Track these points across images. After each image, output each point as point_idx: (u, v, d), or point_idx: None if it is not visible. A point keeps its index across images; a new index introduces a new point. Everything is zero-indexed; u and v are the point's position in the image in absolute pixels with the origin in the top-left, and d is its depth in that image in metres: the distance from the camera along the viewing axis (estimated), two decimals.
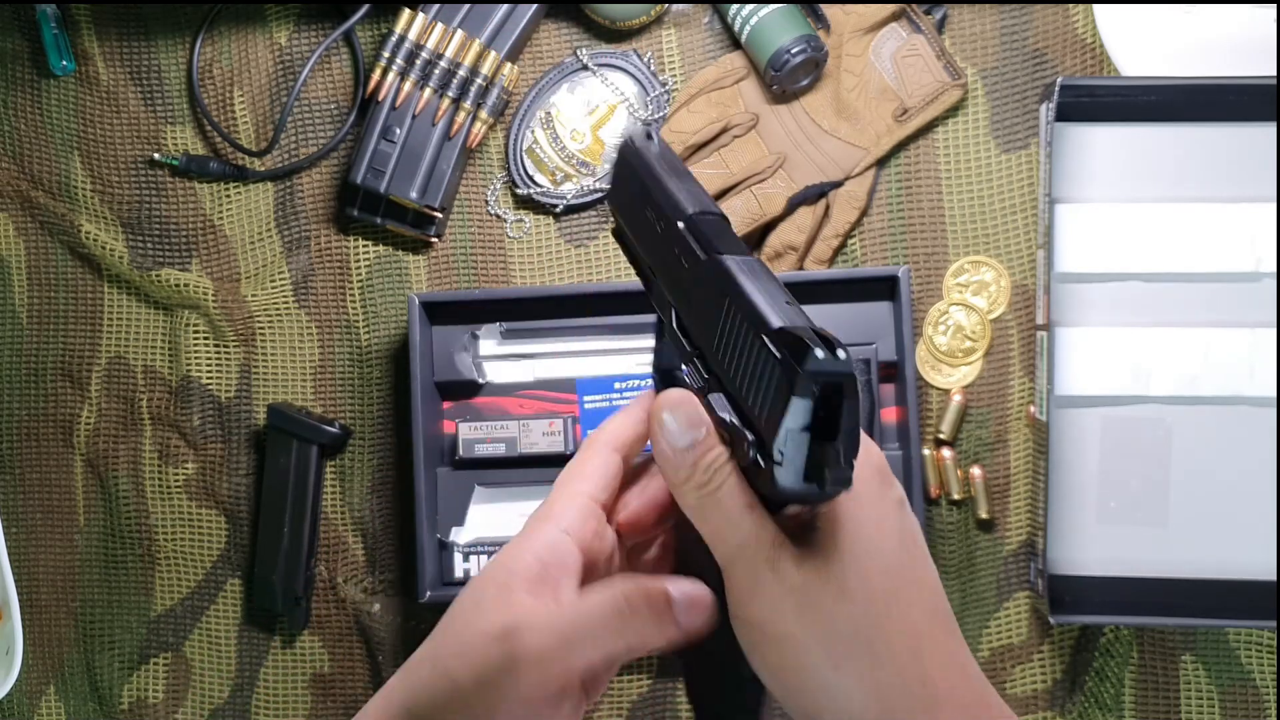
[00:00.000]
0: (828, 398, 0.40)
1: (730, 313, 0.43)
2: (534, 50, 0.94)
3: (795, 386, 0.39)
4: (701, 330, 0.45)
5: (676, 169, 0.48)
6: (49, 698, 0.98)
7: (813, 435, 0.40)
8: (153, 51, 0.96)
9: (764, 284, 0.43)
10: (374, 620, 0.94)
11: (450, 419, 0.93)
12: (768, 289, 0.43)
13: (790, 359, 0.40)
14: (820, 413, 0.40)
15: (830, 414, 0.40)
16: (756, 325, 0.41)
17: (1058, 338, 0.88)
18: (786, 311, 0.41)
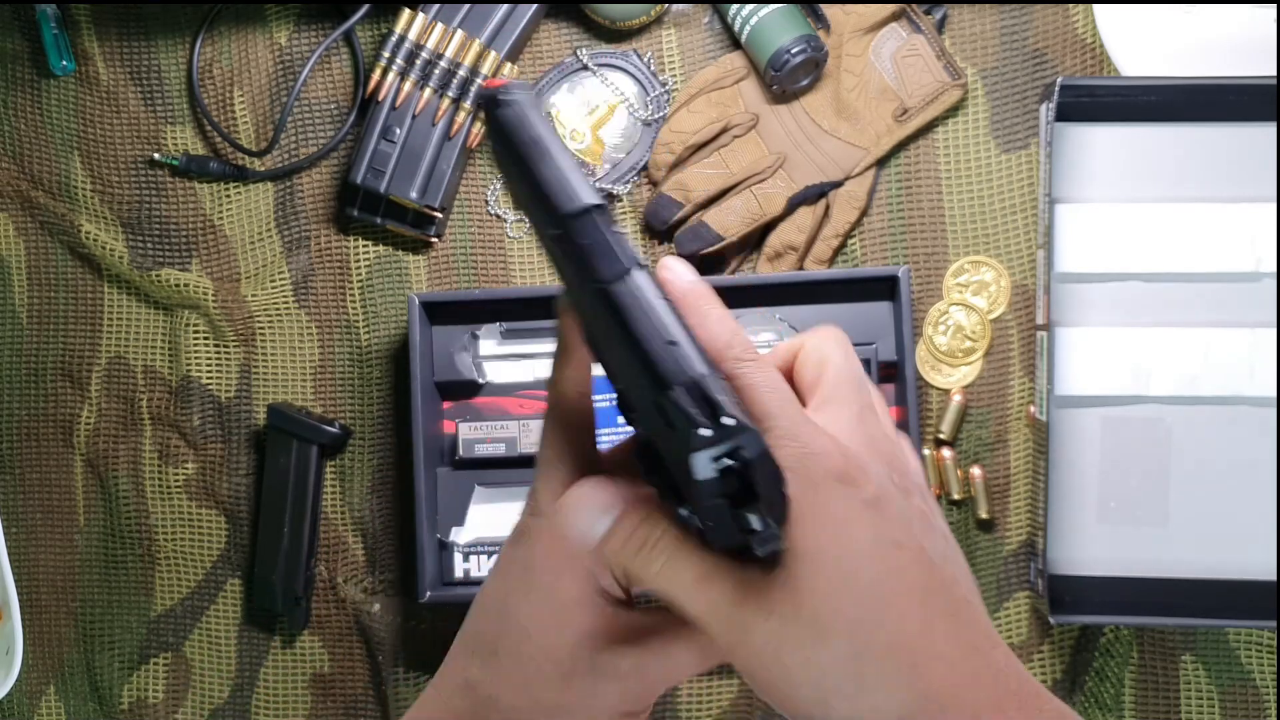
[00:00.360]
0: (733, 464, 0.37)
1: (622, 363, 0.39)
2: (534, 50, 0.94)
3: (693, 468, 0.36)
4: (612, 364, 0.41)
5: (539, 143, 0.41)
6: (49, 698, 0.98)
7: (732, 502, 0.37)
8: (153, 51, 0.96)
9: (646, 322, 0.38)
10: (374, 620, 0.95)
11: (450, 419, 0.93)
12: (650, 329, 0.38)
13: (680, 433, 0.37)
14: (732, 480, 0.37)
15: (737, 476, 0.37)
16: (646, 386, 0.38)
17: (1058, 338, 0.88)
18: (670, 362, 0.37)
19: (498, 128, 0.41)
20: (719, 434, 0.36)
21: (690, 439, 0.36)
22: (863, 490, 0.39)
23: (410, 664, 0.95)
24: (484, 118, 0.42)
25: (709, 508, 0.37)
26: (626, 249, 0.40)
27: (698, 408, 0.37)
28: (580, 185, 0.40)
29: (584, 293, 0.40)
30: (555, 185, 0.40)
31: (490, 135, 0.42)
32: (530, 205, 0.41)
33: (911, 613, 0.39)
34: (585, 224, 0.40)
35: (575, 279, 0.40)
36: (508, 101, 0.41)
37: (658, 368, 0.38)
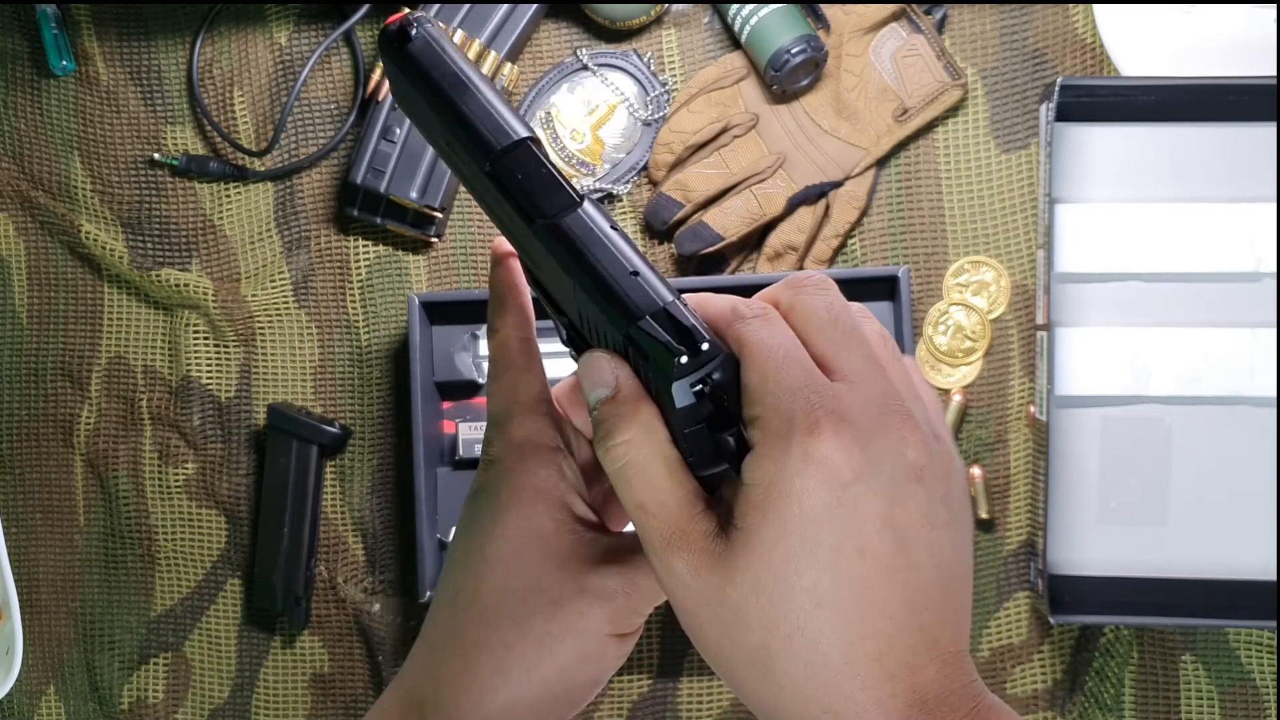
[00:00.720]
0: (708, 389, 0.37)
1: (581, 295, 0.38)
2: (534, 50, 0.94)
3: (672, 397, 0.36)
4: (561, 299, 0.40)
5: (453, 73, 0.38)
6: (49, 698, 0.98)
7: (710, 426, 0.37)
8: (153, 51, 0.96)
9: (603, 252, 0.37)
10: (374, 620, 0.95)
11: (450, 419, 0.93)
12: (609, 259, 0.37)
13: (656, 364, 0.36)
14: (708, 405, 0.37)
15: (715, 400, 0.37)
16: (613, 319, 0.37)
17: (1058, 338, 0.88)
18: (636, 291, 0.37)
19: (409, 63, 0.38)
20: (697, 360, 0.36)
21: (671, 368, 0.36)
22: (843, 476, 0.36)
23: None
24: (388, 55, 0.38)
25: (690, 434, 0.37)
26: (559, 182, 0.38)
27: (673, 335, 0.36)
28: (512, 117, 0.38)
29: (531, 230, 0.38)
30: (485, 120, 0.38)
31: (400, 73, 0.39)
32: (457, 145, 0.38)
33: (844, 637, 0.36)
34: (525, 157, 0.38)
35: (518, 217, 0.38)
36: (417, 35, 0.38)
37: (626, 300, 0.37)
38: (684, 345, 0.36)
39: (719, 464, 0.38)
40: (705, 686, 0.93)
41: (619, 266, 0.37)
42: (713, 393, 0.37)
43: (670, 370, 0.36)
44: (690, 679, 0.93)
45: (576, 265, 0.37)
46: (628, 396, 0.39)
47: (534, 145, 0.38)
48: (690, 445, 0.38)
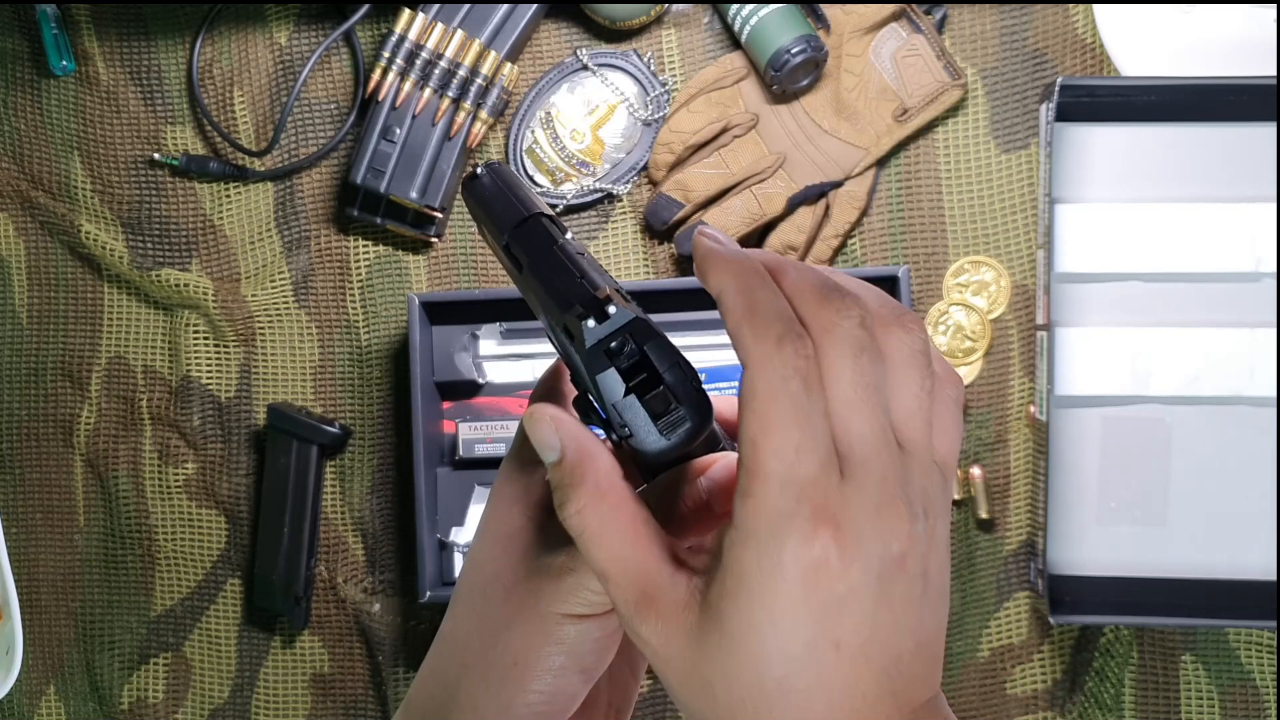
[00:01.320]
0: (630, 357, 0.38)
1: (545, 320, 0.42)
2: (534, 50, 0.94)
3: (589, 365, 0.38)
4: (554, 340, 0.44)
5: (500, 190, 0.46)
6: (49, 698, 0.98)
7: (639, 394, 0.38)
8: (153, 51, 0.96)
9: (560, 273, 0.41)
10: (374, 620, 0.95)
11: (450, 419, 0.93)
12: (562, 278, 0.41)
13: (575, 341, 0.39)
14: (633, 374, 0.38)
15: (641, 370, 0.38)
16: (554, 323, 0.41)
17: (1058, 338, 0.88)
18: (576, 290, 0.40)
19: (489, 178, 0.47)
20: (605, 322, 0.38)
21: (583, 336, 0.38)
22: (829, 576, 0.34)
23: (410, 664, 0.95)
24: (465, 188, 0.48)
25: (619, 406, 0.38)
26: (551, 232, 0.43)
27: (590, 312, 0.39)
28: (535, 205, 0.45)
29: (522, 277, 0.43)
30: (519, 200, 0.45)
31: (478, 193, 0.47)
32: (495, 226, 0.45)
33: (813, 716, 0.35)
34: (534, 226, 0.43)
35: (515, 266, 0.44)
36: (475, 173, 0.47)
37: (561, 298, 0.40)
38: (592, 312, 0.39)
39: (663, 439, 0.39)
40: None
41: (570, 273, 0.41)
42: (635, 363, 0.39)
43: (584, 339, 0.38)
44: None
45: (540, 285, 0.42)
46: (573, 460, 0.39)
47: (539, 218, 0.44)
48: (623, 419, 0.39)
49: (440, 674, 0.46)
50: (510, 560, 0.44)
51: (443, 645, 0.46)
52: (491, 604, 0.44)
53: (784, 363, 0.35)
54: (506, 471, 0.46)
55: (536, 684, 0.43)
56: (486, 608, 0.44)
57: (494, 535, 0.45)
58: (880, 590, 0.35)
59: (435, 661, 0.46)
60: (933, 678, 0.37)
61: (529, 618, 0.43)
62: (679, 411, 0.38)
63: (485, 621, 0.44)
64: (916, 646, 0.36)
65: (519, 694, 0.43)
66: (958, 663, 0.92)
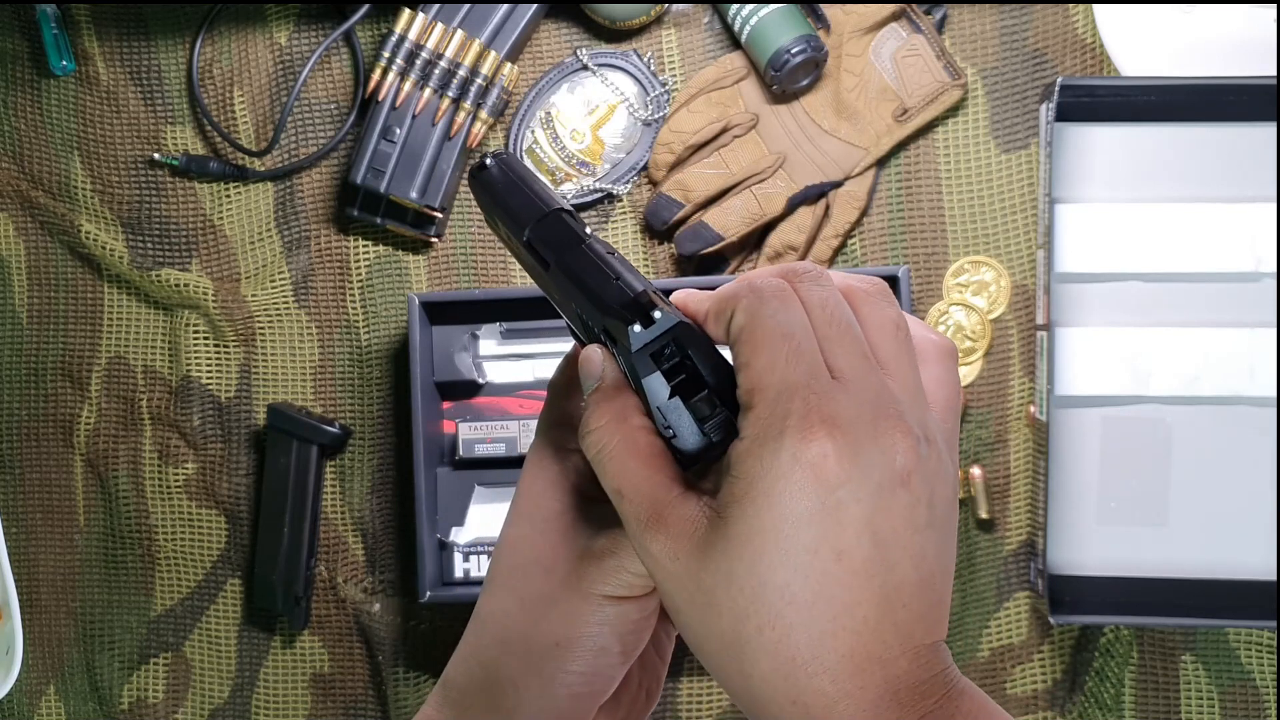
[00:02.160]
0: (674, 359, 0.39)
1: (578, 315, 0.43)
2: (534, 50, 0.94)
3: (635, 369, 0.39)
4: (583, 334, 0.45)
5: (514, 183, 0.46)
6: (49, 698, 0.98)
7: (684, 396, 0.39)
8: (153, 51, 0.96)
9: (594, 273, 0.41)
10: (374, 620, 0.95)
11: (450, 419, 0.93)
12: (597, 276, 0.41)
13: (620, 345, 0.39)
14: (676, 374, 0.39)
15: (685, 371, 0.39)
16: (592, 322, 0.41)
17: (1058, 338, 0.88)
18: (613, 292, 0.40)
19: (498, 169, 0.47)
20: (650, 327, 0.39)
21: (629, 341, 0.39)
22: (830, 481, 0.36)
23: (410, 664, 0.95)
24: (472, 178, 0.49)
25: (665, 408, 0.39)
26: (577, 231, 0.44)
27: (634, 317, 0.39)
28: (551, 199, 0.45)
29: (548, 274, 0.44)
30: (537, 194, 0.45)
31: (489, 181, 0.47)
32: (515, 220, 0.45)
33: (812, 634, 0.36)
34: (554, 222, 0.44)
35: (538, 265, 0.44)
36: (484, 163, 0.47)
37: (602, 301, 0.41)
38: (637, 317, 0.39)
39: (705, 439, 0.39)
40: (705, 687, 0.93)
41: (608, 275, 0.41)
42: (678, 364, 0.39)
43: (628, 343, 0.39)
44: (690, 679, 0.93)
45: (577, 287, 0.42)
46: (608, 386, 0.41)
47: (562, 214, 0.44)
48: (667, 420, 0.39)
49: (479, 654, 0.46)
50: (550, 542, 0.45)
51: (481, 625, 0.46)
52: (532, 584, 0.45)
53: (769, 296, 0.38)
54: (540, 457, 0.46)
55: (577, 664, 0.44)
56: (527, 588, 0.45)
57: (531, 518, 0.45)
58: (880, 501, 0.36)
59: (474, 641, 0.46)
60: (936, 621, 0.38)
61: (570, 598, 0.44)
62: (723, 413, 0.39)
63: (525, 602, 0.45)
64: (920, 580, 0.37)
65: (559, 673, 0.44)
66: (958, 662, 0.92)
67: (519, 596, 0.45)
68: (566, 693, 0.44)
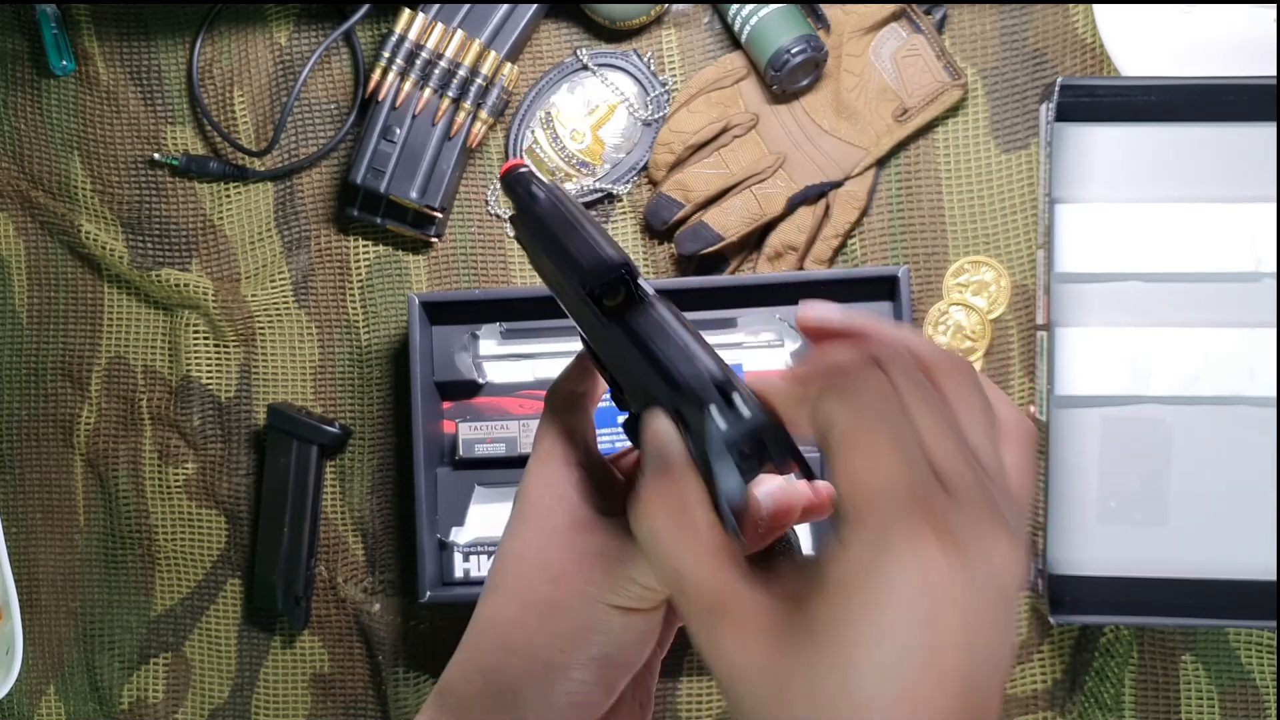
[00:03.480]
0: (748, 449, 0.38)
1: (642, 381, 0.41)
2: (534, 50, 0.94)
3: (708, 457, 0.37)
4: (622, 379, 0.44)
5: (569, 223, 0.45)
6: (49, 698, 0.98)
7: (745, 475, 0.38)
8: (153, 51, 0.96)
9: (667, 345, 0.40)
10: (374, 620, 0.95)
11: (450, 419, 0.93)
12: (670, 350, 0.40)
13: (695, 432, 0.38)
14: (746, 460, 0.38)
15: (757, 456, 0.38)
16: (665, 397, 0.40)
17: (1058, 338, 0.88)
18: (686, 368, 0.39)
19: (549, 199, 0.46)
20: (734, 420, 0.37)
21: (709, 429, 0.37)
22: (933, 591, 0.33)
23: (410, 664, 0.95)
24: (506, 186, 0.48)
25: (728, 488, 0.38)
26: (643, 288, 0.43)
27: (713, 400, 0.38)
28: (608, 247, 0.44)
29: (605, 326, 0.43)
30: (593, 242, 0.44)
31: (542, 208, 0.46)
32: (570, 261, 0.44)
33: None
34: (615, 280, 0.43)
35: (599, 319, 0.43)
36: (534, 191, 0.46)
37: (677, 377, 0.39)
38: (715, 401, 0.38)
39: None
40: (705, 686, 0.93)
41: (679, 348, 0.40)
42: (755, 456, 0.38)
43: (707, 430, 0.37)
44: (690, 679, 0.93)
45: (644, 354, 0.41)
46: (675, 467, 0.39)
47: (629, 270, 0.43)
48: (727, 493, 0.38)
49: (479, 660, 0.46)
50: (557, 549, 0.44)
51: (482, 631, 0.46)
52: (538, 591, 0.44)
53: (865, 389, 0.36)
54: (545, 464, 0.46)
55: (579, 673, 0.44)
56: (532, 594, 0.44)
57: (537, 524, 0.45)
58: (980, 612, 0.34)
59: (474, 647, 0.46)
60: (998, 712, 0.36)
61: (576, 607, 0.44)
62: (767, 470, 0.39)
63: (530, 608, 0.44)
64: (992, 677, 0.35)
65: (561, 681, 0.44)
66: None
67: (523, 602, 0.45)
68: (567, 701, 0.44)
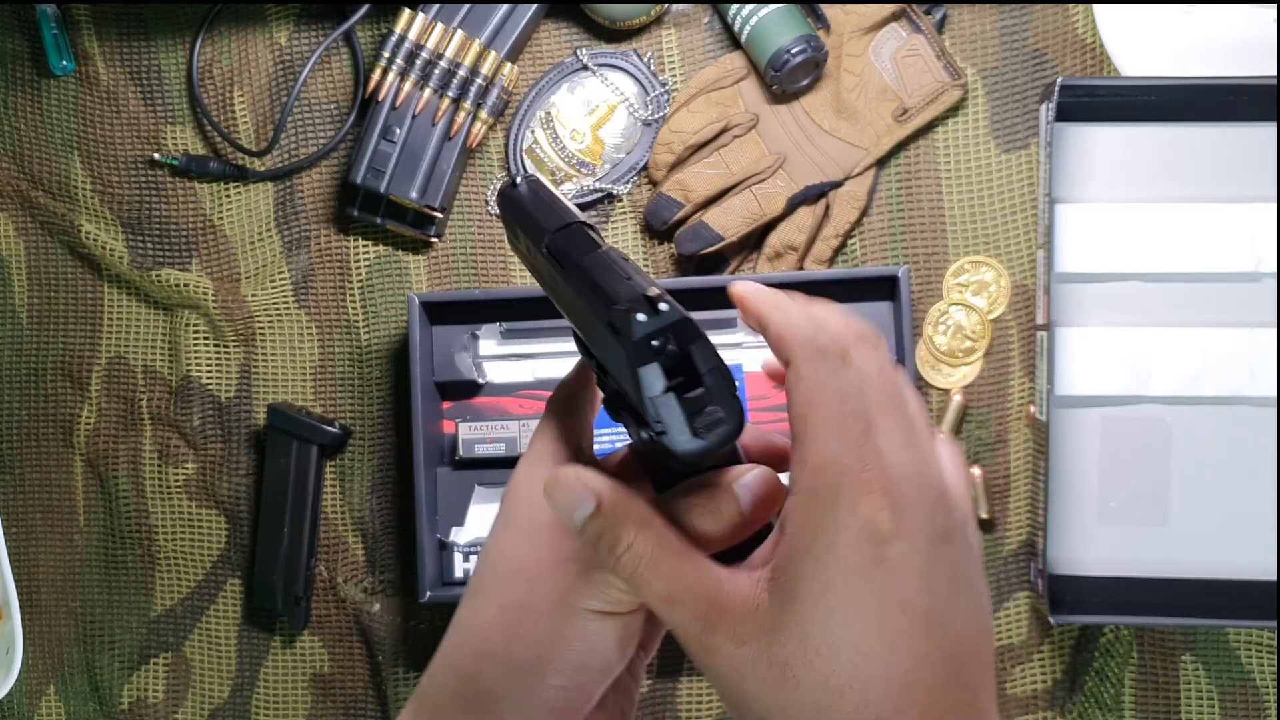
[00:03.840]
0: (673, 355, 0.39)
1: (587, 315, 0.43)
2: (534, 50, 0.94)
3: (632, 357, 0.39)
4: (588, 340, 0.45)
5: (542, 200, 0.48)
6: (49, 698, 0.98)
7: (678, 393, 0.39)
8: (153, 51, 0.96)
9: (606, 273, 0.42)
10: (374, 620, 0.95)
11: (450, 419, 0.93)
12: (609, 275, 0.42)
13: (622, 334, 0.39)
14: (674, 373, 0.39)
15: (684, 367, 0.39)
16: (598, 315, 0.41)
17: (1058, 338, 0.88)
18: (623, 289, 0.41)
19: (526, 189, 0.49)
20: (653, 319, 0.39)
21: (631, 327, 0.38)
22: (884, 534, 0.37)
23: (410, 664, 0.95)
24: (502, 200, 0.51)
25: (657, 402, 0.39)
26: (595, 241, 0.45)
27: (640, 307, 0.39)
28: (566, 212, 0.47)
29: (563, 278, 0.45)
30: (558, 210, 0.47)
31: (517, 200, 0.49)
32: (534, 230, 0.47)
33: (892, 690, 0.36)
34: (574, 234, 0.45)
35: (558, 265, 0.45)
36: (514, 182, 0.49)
37: (611, 294, 0.41)
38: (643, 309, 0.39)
39: (696, 439, 0.39)
40: (704, 687, 0.93)
41: (619, 275, 0.42)
42: (677, 363, 0.39)
43: (631, 330, 0.38)
44: (690, 679, 0.93)
45: (587, 283, 0.42)
46: (612, 502, 0.40)
47: (583, 226, 0.45)
48: (660, 416, 0.39)
49: (458, 664, 0.45)
50: (537, 552, 0.44)
51: (460, 635, 0.46)
52: (515, 595, 0.44)
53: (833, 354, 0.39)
54: (534, 465, 0.46)
55: (556, 678, 0.44)
56: (510, 597, 0.44)
57: (519, 526, 0.45)
58: (931, 557, 0.37)
59: (452, 651, 0.46)
60: (992, 687, 0.38)
61: (553, 611, 0.43)
62: (716, 414, 0.39)
63: (507, 612, 0.44)
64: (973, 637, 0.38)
65: (539, 687, 0.44)
66: None
67: (501, 605, 0.44)
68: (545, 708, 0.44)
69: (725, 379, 0.39)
